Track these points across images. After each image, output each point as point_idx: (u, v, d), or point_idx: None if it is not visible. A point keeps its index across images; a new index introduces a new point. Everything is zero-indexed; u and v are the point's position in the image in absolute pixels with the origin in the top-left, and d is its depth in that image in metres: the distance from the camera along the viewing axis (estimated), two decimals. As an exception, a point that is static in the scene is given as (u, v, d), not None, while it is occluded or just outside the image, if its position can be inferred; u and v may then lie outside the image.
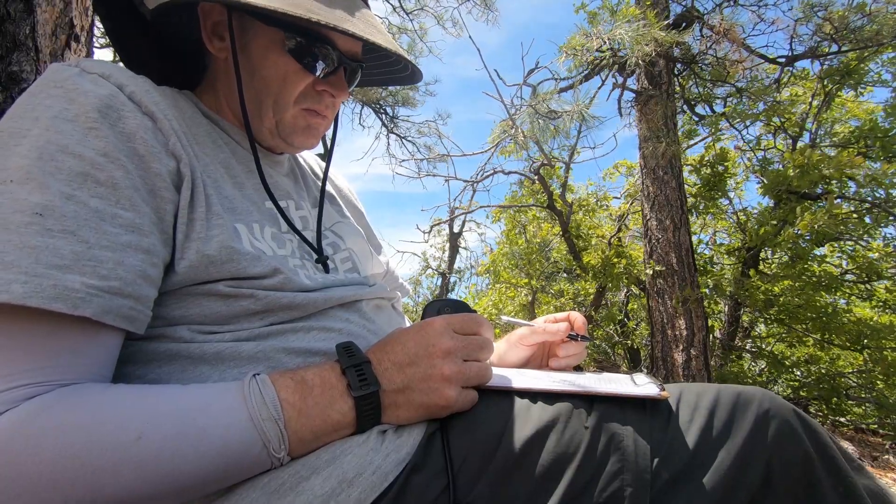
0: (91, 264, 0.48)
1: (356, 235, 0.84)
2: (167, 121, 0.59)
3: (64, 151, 0.50)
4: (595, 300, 5.62)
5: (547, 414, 0.61)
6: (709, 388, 0.65)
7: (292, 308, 0.62)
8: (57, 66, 0.56)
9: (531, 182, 5.69)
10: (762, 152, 4.65)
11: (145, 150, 0.55)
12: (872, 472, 0.61)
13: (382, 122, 7.73)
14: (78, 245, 0.48)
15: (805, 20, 3.85)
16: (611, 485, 0.55)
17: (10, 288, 0.44)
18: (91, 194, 0.50)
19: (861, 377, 4.14)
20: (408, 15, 6.69)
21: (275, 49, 0.66)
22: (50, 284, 0.45)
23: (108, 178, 0.51)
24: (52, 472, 0.42)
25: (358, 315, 0.69)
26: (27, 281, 0.45)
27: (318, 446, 0.54)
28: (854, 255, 4.26)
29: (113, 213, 0.51)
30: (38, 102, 0.52)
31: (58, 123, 0.51)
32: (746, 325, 5.25)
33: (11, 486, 0.41)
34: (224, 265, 0.57)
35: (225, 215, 0.61)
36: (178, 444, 0.46)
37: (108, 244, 0.50)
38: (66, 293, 0.46)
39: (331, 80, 0.70)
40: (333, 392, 0.54)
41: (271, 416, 0.50)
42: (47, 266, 0.46)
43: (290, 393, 0.52)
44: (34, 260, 0.46)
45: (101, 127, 0.52)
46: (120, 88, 0.57)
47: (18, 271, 0.45)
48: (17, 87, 0.66)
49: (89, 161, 0.51)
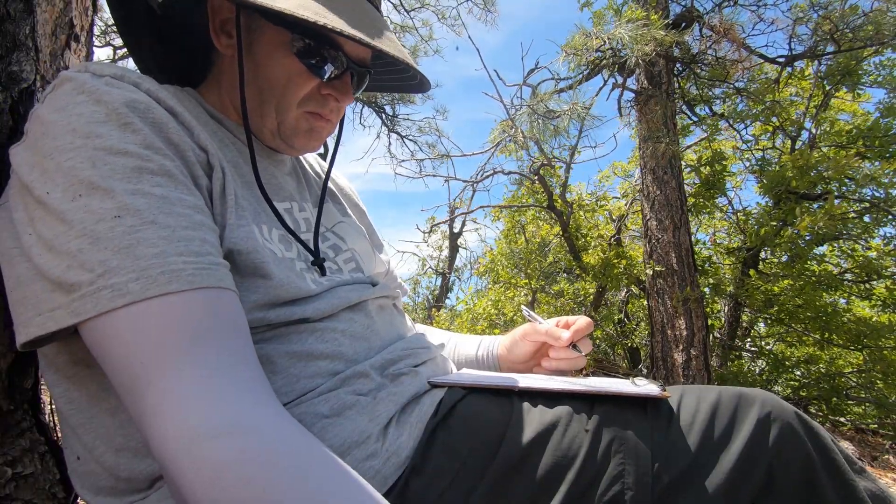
0: (183, 244, 0.49)
1: (358, 235, 0.83)
2: (185, 114, 0.59)
3: (111, 152, 0.51)
4: (595, 300, 5.62)
5: (548, 416, 0.61)
6: (710, 390, 0.65)
7: (297, 315, 0.61)
8: (69, 75, 0.55)
9: (531, 182, 5.69)
10: (761, 152, 4.65)
11: (178, 139, 0.56)
12: (873, 474, 0.61)
13: (382, 120, 7.73)
14: (163, 230, 0.49)
15: (804, 20, 3.84)
16: (612, 487, 0.55)
17: (128, 288, 0.46)
18: (152, 185, 0.51)
19: (861, 377, 4.14)
20: (408, 13, 6.69)
21: (281, 49, 0.65)
22: (158, 272, 0.47)
23: (159, 167, 0.52)
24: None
25: (363, 315, 0.69)
26: (138, 277, 0.46)
27: None
28: (853, 255, 4.27)
29: (178, 198, 0.52)
30: (70, 113, 0.52)
31: (95, 128, 0.51)
32: (746, 325, 5.25)
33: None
34: (249, 255, 0.58)
35: (248, 209, 0.62)
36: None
37: (188, 224, 0.51)
38: (177, 274, 0.47)
39: (336, 85, 0.69)
40: None
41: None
42: (147, 258, 0.47)
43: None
44: (134, 258, 0.47)
45: (135, 121, 0.53)
46: (136, 86, 0.57)
47: (127, 271, 0.46)
48: (16, 87, 0.66)
49: (137, 155, 0.51)
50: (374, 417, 0.58)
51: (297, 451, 0.43)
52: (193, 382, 0.44)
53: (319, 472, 0.43)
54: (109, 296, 0.46)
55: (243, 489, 0.40)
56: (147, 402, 0.44)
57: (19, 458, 0.63)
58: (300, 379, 0.59)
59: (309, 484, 0.42)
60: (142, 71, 0.77)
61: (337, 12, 0.61)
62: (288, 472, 0.41)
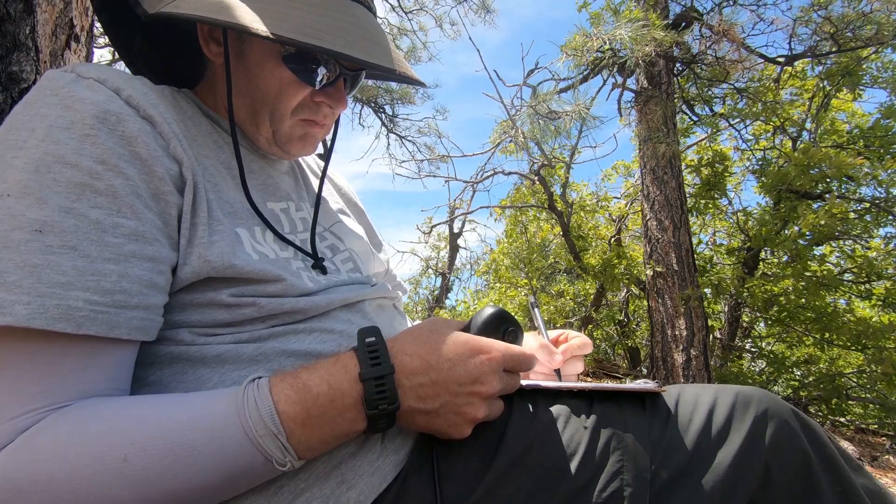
0: (94, 279, 0.47)
1: (356, 235, 0.83)
2: (166, 124, 0.57)
3: (61, 162, 0.49)
4: (595, 300, 5.62)
5: (547, 414, 0.61)
6: (707, 388, 0.65)
7: (295, 312, 0.61)
8: (52, 74, 0.54)
9: (531, 182, 5.69)
10: (761, 152, 4.65)
11: (147, 153, 0.54)
12: (871, 472, 0.61)
13: (382, 121, 7.72)
14: (79, 260, 0.47)
15: (805, 21, 3.85)
16: (610, 484, 0.56)
17: (14, 310, 0.43)
18: (90, 205, 0.49)
19: (861, 377, 4.14)
20: (406, 14, 6.69)
21: (271, 59, 0.64)
22: (53, 304, 0.45)
23: (106, 186, 0.50)
24: (52, 497, 0.42)
25: (360, 316, 0.68)
26: (30, 301, 0.44)
27: (329, 448, 0.52)
28: (853, 255, 4.27)
29: (114, 223, 0.50)
30: (35, 112, 0.51)
31: (54, 133, 0.50)
32: (746, 325, 5.25)
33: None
34: (226, 270, 0.56)
35: (226, 220, 0.59)
36: (168, 463, 0.45)
37: (111, 256, 0.49)
38: (70, 312, 0.45)
39: (329, 92, 0.68)
40: (345, 401, 0.50)
41: (269, 431, 0.47)
42: (50, 285, 0.45)
43: (290, 405, 0.48)
44: (36, 279, 0.45)
45: (99, 133, 0.51)
46: (117, 93, 0.55)
47: (21, 292, 0.44)
48: (17, 87, 0.66)
49: (86, 170, 0.49)
50: None
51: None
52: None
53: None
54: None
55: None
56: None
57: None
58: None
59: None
60: (133, 73, 0.76)
61: (325, 24, 0.59)
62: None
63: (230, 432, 0.47)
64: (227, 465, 0.46)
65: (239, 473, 0.47)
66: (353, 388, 0.50)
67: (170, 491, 0.45)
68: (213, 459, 0.46)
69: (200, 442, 0.46)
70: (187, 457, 0.45)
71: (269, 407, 0.47)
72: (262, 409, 0.47)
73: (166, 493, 0.45)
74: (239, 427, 0.47)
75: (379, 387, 0.50)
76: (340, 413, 0.50)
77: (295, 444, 0.48)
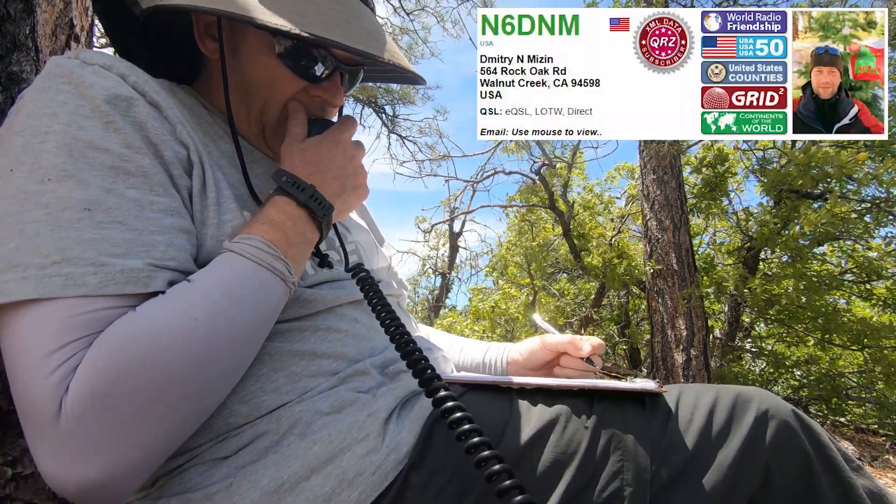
0: (145, 249, 0.50)
1: (361, 228, 0.83)
2: (170, 109, 0.58)
3: (92, 147, 0.50)
4: (595, 300, 5.62)
5: (547, 414, 0.61)
6: (708, 388, 0.65)
7: (299, 303, 0.61)
8: (58, 60, 0.55)
9: (532, 182, 5.70)
10: (761, 152, 4.65)
11: (157, 138, 0.55)
12: (872, 473, 0.61)
13: (382, 121, 7.73)
14: (129, 233, 0.49)
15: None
16: (611, 484, 0.55)
17: (86, 280, 0.46)
18: (126, 186, 0.51)
19: (861, 377, 4.14)
20: (408, 15, 6.69)
21: (265, 52, 0.64)
22: (118, 271, 0.47)
23: (137, 168, 0.52)
24: (162, 377, 0.46)
25: (367, 315, 0.68)
26: (97, 272, 0.46)
27: (303, 262, 0.61)
28: (853, 255, 4.27)
29: (150, 201, 0.52)
30: (51, 98, 0.52)
31: (77, 120, 0.51)
32: (746, 325, 5.25)
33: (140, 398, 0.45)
34: None
35: (234, 204, 0.60)
36: (225, 312, 0.50)
37: (155, 229, 0.51)
38: (135, 275, 0.48)
39: (325, 86, 0.68)
40: (301, 219, 0.60)
41: (273, 255, 0.55)
42: (109, 255, 0.47)
43: (272, 234, 0.56)
44: (96, 251, 0.47)
45: (116, 119, 0.53)
46: (123, 78, 0.56)
47: (86, 263, 0.46)
48: (17, 87, 0.66)
49: (117, 154, 0.51)
50: (373, 412, 0.58)
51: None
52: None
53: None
54: (61, 283, 0.45)
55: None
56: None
57: (19, 458, 0.63)
58: (302, 377, 0.59)
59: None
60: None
61: (321, 14, 0.60)
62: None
63: (248, 269, 0.54)
64: (257, 296, 0.53)
65: (267, 301, 0.55)
66: (300, 211, 0.60)
67: (235, 334, 0.51)
68: (252, 297, 0.53)
69: (235, 283, 0.52)
70: (233, 303, 0.51)
71: (261, 241, 0.55)
72: (258, 245, 0.55)
73: (234, 337, 0.51)
74: (252, 262, 0.54)
75: (315, 200, 0.61)
76: (302, 232, 0.60)
77: (290, 260, 0.57)
